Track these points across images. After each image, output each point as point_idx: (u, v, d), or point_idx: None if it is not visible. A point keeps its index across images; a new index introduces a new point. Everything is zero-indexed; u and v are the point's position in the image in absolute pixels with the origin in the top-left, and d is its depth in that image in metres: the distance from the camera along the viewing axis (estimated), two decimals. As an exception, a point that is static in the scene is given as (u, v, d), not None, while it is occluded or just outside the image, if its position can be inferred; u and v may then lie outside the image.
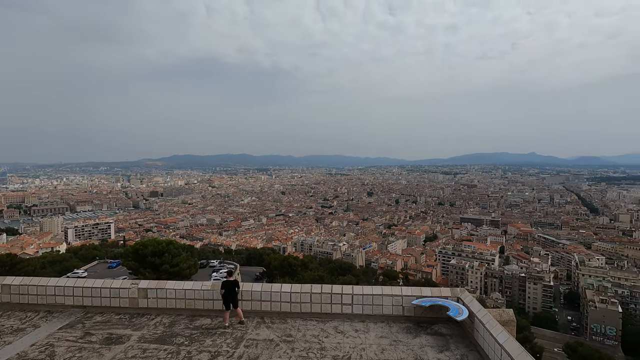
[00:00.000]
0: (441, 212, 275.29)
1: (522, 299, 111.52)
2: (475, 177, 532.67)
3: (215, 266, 60.94)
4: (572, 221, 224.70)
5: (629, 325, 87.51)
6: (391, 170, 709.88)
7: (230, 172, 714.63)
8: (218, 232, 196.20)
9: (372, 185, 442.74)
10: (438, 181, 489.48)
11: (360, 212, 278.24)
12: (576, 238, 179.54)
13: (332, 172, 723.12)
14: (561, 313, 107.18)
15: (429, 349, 7.85)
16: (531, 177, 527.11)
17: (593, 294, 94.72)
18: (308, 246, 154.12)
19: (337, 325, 9.12)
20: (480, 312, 7.93)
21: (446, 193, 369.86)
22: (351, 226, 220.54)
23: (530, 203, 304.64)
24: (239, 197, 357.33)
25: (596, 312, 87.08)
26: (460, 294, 9.19)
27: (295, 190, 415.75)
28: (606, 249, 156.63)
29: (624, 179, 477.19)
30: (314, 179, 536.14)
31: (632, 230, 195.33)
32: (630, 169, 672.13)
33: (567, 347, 54.79)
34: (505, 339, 6.64)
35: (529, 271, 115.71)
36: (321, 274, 51.49)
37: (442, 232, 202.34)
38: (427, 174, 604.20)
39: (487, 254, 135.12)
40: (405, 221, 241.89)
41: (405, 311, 9.39)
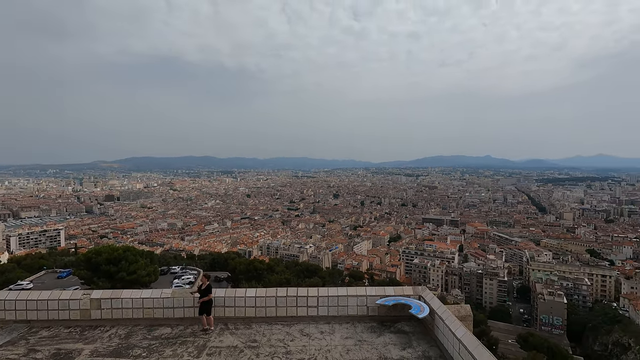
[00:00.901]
0: (404, 213, 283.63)
1: (479, 294, 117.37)
2: (435, 178, 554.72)
3: (177, 272, 58.62)
4: (523, 220, 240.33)
5: (573, 314, 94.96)
6: (357, 173, 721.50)
7: (193, 174, 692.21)
8: (180, 237, 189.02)
9: (338, 187, 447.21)
10: (401, 183, 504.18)
11: (326, 214, 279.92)
12: (527, 235, 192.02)
13: (299, 174, 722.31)
14: (514, 306, 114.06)
15: (393, 347, 8.03)
16: (487, 178, 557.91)
17: (542, 287, 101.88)
18: (274, 249, 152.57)
19: (302, 328, 9.09)
20: (440, 308, 8.25)
21: (409, 194, 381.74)
22: (318, 228, 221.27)
23: (486, 203, 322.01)
24: (202, 200, 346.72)
25: (545, 304, 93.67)
26: (422, 292, 9.51)
27: (260, 192, 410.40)
28: (553, 245, 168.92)
29: (567, 180, 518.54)
30: (280, 182, 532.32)
31: (575, 227, 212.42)
32: (572, 171, 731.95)
33: (519, 338, 58.39)
34: (463, 333, 6.94)
35: (485, 268, 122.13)
36: (288, 277, 51.13)
37: (406, 233, 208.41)
38: (391, 176, 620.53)
39: (448, 253, 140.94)
40: (371, 222, 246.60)
41: (370, 311, 9.55)
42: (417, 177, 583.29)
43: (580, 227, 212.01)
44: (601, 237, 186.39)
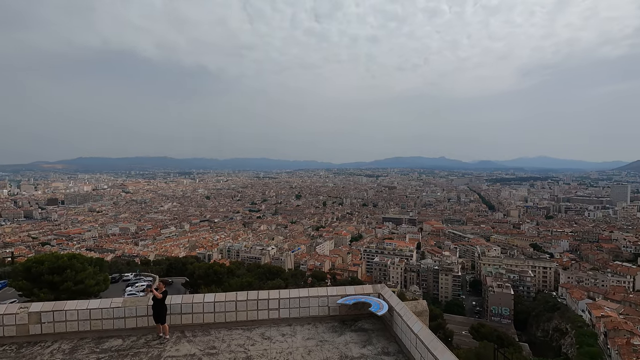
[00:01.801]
0: (365, 213, 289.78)
1: (436, 289, 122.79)
2: (395, 179, 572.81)
3: (130, 280, 55.39)
4: (475, 217, 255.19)
5: (519, 304, 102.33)
6: (318, 173, 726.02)
7: (147, 176, 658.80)
8: (133, 242, 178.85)
9: (300, 188, 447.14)
10: (362, 183, 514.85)
11: (288, 215, 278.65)
12: (478, 232, 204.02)
13: (260, 175, 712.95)
14: (468, 299, 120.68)
15: (353, 345, 8.16)
16: (442, 179, 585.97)
17: (492, 280, 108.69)
18: (235, 252, 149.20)
19: (263, 331, 8.96)
20: (398, 305, 8.51)
21: (370, 194, 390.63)
22: (280, 229, 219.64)
23: (442, 202, 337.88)
24: (158, 202, 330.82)
25: (494, 296, 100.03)
26: (381, 289, 9.75)
27: (221, 194, 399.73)
28: (501, 240, 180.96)
29: (513, 180, 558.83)
30: (240, 183, 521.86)
31: (520, 224, 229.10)
32: (517, 172, 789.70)
33: (472, 329, 61.81)
34: (419, 328, 7.21)
35: (441, 264, 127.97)
36: (249, 280, 50.20)
37: (367, 232, 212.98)
38: (353, 177, 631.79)
39: (406, 251, 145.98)
40: (333, 222, 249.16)
41: (331, 311, 9.64)
42: (378, 178, 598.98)
43: (524, 223, 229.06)
44: (542, 232, 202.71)
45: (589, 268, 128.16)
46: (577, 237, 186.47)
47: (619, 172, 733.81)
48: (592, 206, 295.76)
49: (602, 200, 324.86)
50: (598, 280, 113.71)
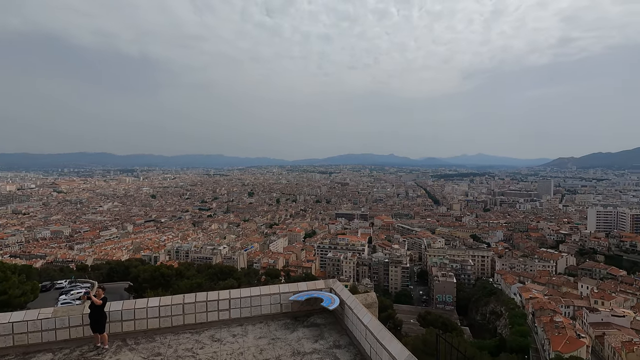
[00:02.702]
0: (319, 209, 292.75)
1: (386, 281, 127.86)
2: (347, 176, 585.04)
3: (65, 287, 50.67)
4: (422, 211, 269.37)
5: (461, 291, 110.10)
6: (271, 170, 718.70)
7: (84, 174, 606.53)
8: (68, 246, 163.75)
9: (253, 185, 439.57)
10: (315, 180, 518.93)
11: (241, 213, 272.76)
12: (425, 225, 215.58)
13: (210, 172, 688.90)
14: (416, 289, 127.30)
15: (305, 341, 8.20)
16: (391, 175, 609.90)
17: (437, 270, 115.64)
18: (184, 253, 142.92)
19: (213, 333, 8.67)
20: (349, 299, 8.71)
21: (323, 191, 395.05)
22: (232, 228, 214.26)
23: (391, 197, 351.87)
24: (96, 202, 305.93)
25: (439, 285, 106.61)
26: (333, 284, 9.90)
27: (168, 192, 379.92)
28: (445, 232, 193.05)
29: (455, 175, 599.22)
30: (189, 180, 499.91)
31: (462, 216, 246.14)
32: (459, 168, 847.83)
33: (419, 317, 65.32)
34: (369, 320, 7.44)
35: (391, 257, 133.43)
36: (199, 281, 48.35)
37: (320, 228, 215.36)
38: (306, 174, 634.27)
39: (358, 245, 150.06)
40: (286, 219, 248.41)
41: (284, 308, 9.59)
42: (330, 175, 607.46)
43: (465, 216, 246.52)
44: (481, 224, 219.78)
45: (520, 255, 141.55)
46: (510, 228, 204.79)
47: (544, 168, 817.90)
48: (523, 199, 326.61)
49: (530, 193, 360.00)
50: (527, 265, 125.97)
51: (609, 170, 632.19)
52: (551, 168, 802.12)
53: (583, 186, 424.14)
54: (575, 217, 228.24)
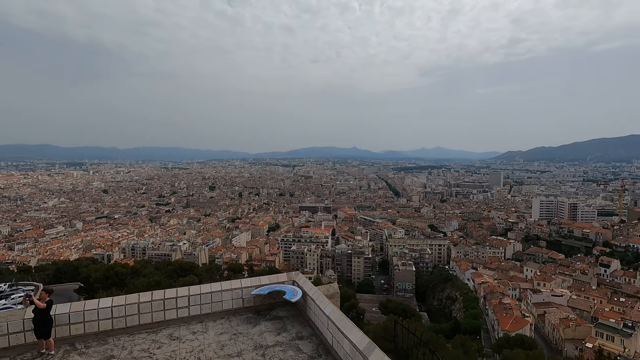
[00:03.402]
0: (282, 203, 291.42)
1: (349, 272, 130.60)
2: (310, 168, 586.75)
3: (4, 291, 46.43)
4: (383, 203, 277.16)
5: (419, 279, 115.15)
6: (234, 164, 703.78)
7: (24, 167, 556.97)
8: (7, 247, 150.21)
9: (214, 178, 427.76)
10: (279, 173, 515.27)
11: (202, 207, 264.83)
12: (386, 216, 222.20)
13: (169, 165, 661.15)
14: (377, 278, 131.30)
15: (268, 334, 8.18)
16: (354, 168, 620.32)
17: (397, 259, 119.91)
18: (141, 250, 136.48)
19: (172, 332, 8.39)
20: (312, 290, 8.78)
21: (286, 184, 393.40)
22: (192, 223, 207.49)
23: (354, 190, 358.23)
24: (39, 199, 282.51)
25: (399, 274, 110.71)
26: (295, 277, 9.93)
27: (121, 187, 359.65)
28: (405, 223, 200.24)
29: (415, 168, 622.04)
30: (145, 174, 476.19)
31: (420, 207, 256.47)
32: (418, 161, 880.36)
33: (381, 305, 67.56)
34: (330, 310, 7.56)
35: (354, 248, 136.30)
36: (158, 279, 46.46)
37: (284, 221, 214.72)
38: (269, 167, 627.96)
39: (322, 237, 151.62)
40: (249, 213, 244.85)
41: (246, 302, 9.48)
42: (294, 168, 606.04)
43: (424, 207, 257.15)
44: (438, 214, 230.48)
45: (473, 243, 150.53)
46: (464, 217, 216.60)
47: (495, 161, 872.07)
48: (476, 190, 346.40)
49: (482, 185, 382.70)
50: (479, 252, 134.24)
51: (550, 163, 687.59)
52: (501, 161, 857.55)
53: (529, 177, 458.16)
54: (522, 206, 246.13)
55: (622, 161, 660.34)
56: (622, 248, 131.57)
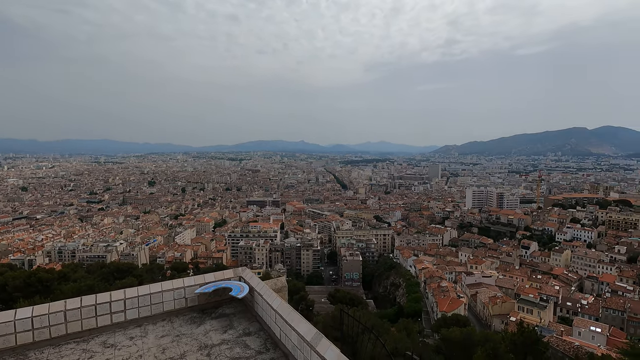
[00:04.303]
0: (229, 197, 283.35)
1: (298, 264, 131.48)
2: (258, 162, 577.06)
3: None
4: (331, 196, 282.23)
5: (366, 268, 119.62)
6: (176, 157, 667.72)
7: None
8: None
9: (154, 173, 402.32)
10: (225, 167, 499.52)
11: (140, 204, 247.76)
12: (334, 209, 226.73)
13: (101, 160, 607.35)
14: (326, 270, 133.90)
15: (214, 333, 7.91)
16: (302, 161, 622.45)
17: (345, 250, 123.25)
18: (69, 253, 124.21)
19: (106, 339, 7.74)
20: (259, 285, 8.65)
21: (233, 178, 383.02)
22: (130, 221, 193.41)
23: (302, 183, 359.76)
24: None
25: (347, 264, 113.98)
26: (242, 272, 9.69)
27: (44, 184, 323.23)
28: (352, 215, 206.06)
29: (361, 161, 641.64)
30: (73, 169, 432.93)
31: (366, 199, 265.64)
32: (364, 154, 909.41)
33: (329, 296, 69.10)
34: (278, 303, 7.51)
35: (302, 241, 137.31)
36: (90, 283, 42.72)
37: (231, 217, 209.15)
38: (214, 161, 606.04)
39: (271, 232, 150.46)
40: (194, 209, 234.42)
41: (189, 302, 9.06)
42: (241, 161, 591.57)
43: (369, 198, 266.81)
44: (383, 205, 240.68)
45: (415, 232, 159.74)
46: (407, 208, 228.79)
47: (434, 154, 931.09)
48: (417, 182, 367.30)
49: (423, 177, 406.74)
50: (420, 240, 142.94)
51: (481, 156, 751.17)
52: (439, 154, 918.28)
53: (463, 170, 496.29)
54: (457, 196, 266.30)
55: (539, 154, 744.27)
56: (539, 231, 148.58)
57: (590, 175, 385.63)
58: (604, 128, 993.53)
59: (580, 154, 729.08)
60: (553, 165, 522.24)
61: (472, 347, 25.50)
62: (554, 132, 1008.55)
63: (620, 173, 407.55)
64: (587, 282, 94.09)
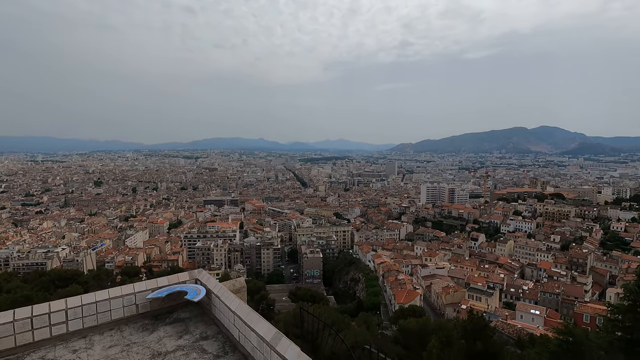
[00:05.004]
0: (185, 197, 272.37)
1: (259, 264, 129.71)
2: (215, 160, 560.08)
3: None
4: (291, 194, 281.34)
5: (326, 265, 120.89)
6: (125, 156, 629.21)
7: None
8: None
9: (101, 173, 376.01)
10: (180, 166, 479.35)
11: (85, 206, 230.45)
12: (294, 207, 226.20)
13: (38, 158, 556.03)
14: (287, 268, 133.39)
15: (168, 339, 7.53)
16: (261, 159, 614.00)
17: (305, 248, 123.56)
18: (2, 261, 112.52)
19: (44, 354, 7.08)
20: (216, 287, 8.37)
21: (189, 177, 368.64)
22: (74, 225, 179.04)
23: (262, 182, 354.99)
24: None
25: (308, 261, 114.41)
26: (198, 274, 9.33)
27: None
28: (312, 212, 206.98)
29: (320, 159, 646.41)
30: (5, 169, 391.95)
31: (326, 197, 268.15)
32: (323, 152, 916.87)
33: (290, 294, 68.96)
34: (237, 305, 7.31)
35: (263, 240, 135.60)
36: (27, 293, 38.90)
37: (187, 217, 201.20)
38: (168, 159, 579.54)
39: (229, 231, 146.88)
40: (146, 210, 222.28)
41: (140, 308, 8.55)
42: (197, 159, 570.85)
43: (329, 196, 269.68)
44: (342, 202, 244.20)
45: (373, 227, 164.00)
46: (365, 204, 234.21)
47: (390, 152, 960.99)
48: (375, 179, 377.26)
49: (380, 174, 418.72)
50: (378, 235, 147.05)
51: (435, 154, 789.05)
52: (395, 152, 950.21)
53: (418, 167, 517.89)
54: (413, 192, 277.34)
55: (486, 152, 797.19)
56: (486, 224, 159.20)
57: (530, 171, 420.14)
58: (542, 128, 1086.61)
59: (522, 152, 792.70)
60: (498, 162, 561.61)
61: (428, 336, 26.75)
62: (498, 131, 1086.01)
63: (555, 169, 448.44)
64: (527, 269, 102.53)
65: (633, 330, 15.07)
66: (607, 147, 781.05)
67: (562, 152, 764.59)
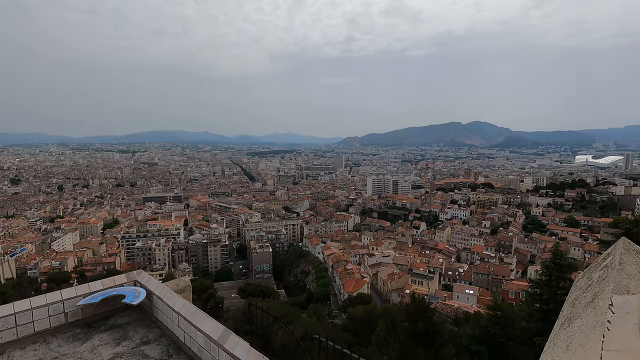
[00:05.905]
0: (121, 194, 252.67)
1: (206, 262, 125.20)
2: (155, 154, 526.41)
3: None
4: (238, 189, 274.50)
5: (276, 259, 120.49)
6: (48, 150, 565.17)
7: None
8: None
9: (18, 169, 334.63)
10: (114, 161, 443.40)
11: (1, 207, 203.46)
12: (242, 202, 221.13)
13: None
14: (235, 264, 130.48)
15: (104, 348, 6.98)
16: (206, 153, 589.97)
17: (254, 243, 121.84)
18: None
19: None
20: (158, 288, 7.91)
21: (125, 173, 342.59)
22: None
23: (207, 177, 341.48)
24: None
25: (257, 256, 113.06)
26: (137, 276, 8.74)
27: None
28: (261, 207, 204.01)
29: (268, 153, 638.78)
30: None
31: (275, 190, 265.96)
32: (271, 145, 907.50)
33: (239, 290, 67.74)
34: (181, 305, 6.98)
35: (209, 237, 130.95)
36: None
37: (124, 216, 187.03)
38: (100, 153, 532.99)
39: (173, 229, 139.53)
40: (76, 210, 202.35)
41: (70, 317, 7.79)
42: (134, 154, 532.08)
43: (278, 190, 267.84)
44: (291, 196, 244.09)
45: (322, 220, 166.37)
46: (314, 197, 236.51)
47: (338, 145, 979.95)
48: (323, 172, 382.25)
49: (328, 167, 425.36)
50: (327, 228, 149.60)
51: (380, 147, 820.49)
52: (343, 145, 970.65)
53: (364, 160, 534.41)
54: (359, 184, 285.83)
55: (426, 145, 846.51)
56: (427, 213, 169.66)
57: (464, 163, 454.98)
58: (474, 123, 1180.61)
59: (457, 145, 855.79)
60: (437, 155, 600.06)
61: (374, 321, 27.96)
62: (437, 125, 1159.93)
63: (485, 161, 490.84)
64: (463, 253, 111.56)
65: (549, 301, 17.17)
66: (528, 141, 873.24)
67: (491, 145, 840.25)
